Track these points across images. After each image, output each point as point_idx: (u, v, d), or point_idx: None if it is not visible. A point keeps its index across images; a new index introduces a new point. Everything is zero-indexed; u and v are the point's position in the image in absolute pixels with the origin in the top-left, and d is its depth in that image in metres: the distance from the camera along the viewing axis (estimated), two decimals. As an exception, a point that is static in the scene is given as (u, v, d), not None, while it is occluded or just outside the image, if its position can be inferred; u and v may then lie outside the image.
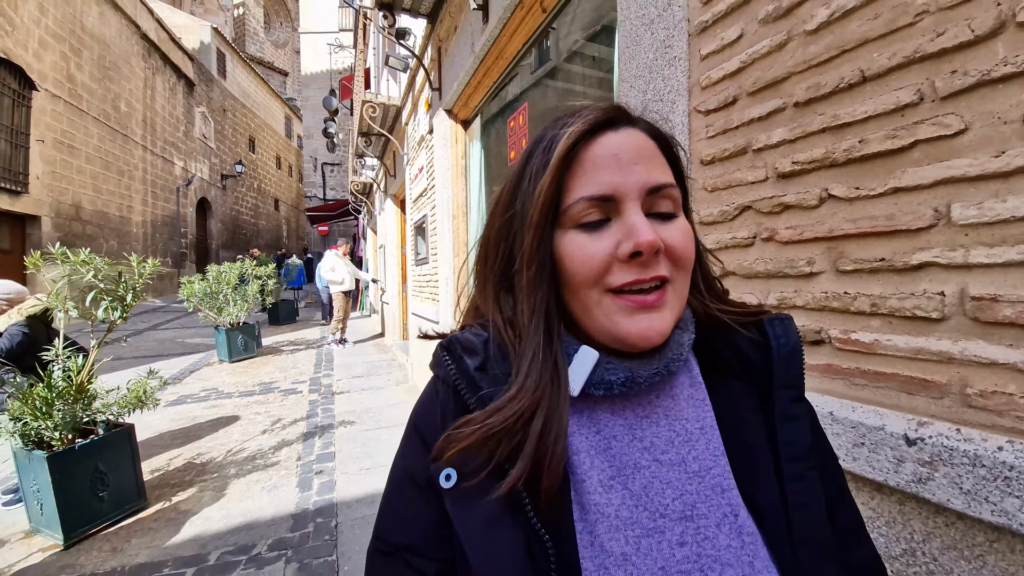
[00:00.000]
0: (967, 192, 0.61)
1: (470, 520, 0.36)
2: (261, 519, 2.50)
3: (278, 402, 4.64)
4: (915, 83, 0.66)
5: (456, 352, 0.41)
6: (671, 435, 0.39)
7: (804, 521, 0.36)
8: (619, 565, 0.34)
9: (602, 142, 0.37)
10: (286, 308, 10.18)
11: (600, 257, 0.36)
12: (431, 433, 0.41)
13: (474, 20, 2.54)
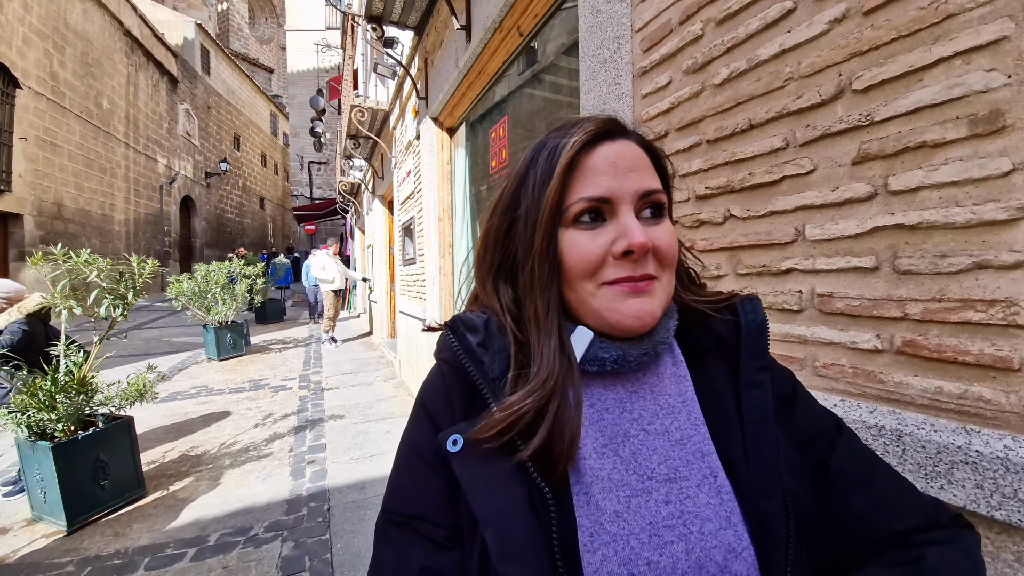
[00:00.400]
0: (815, 216, 0.83)
1: (478, 481, 0.39)
2: (257, 504, 2.65)
3: (268, 398, 4.76)
4: (783, 132, 0.87)
5: (459, 330, 0.45)
6: (656, 408, 0.43)
7: (764, 475, 0.40)
8: (612, 520, 0.38)
9: (601, 151, 0.42)
10: (273, 307, 10.22)
11: (597, 253, 0.41)
12: (436, 410, 0.45)
13: (458, 38, 2.73)
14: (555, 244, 0.42)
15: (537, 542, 0.37)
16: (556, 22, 2.11)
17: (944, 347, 0.67)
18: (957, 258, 0.65)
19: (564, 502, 0.39)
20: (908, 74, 0.69)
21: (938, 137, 0.67)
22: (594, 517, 0.38)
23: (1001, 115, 0.61)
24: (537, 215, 0.42)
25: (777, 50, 0.87)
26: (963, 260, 0.64)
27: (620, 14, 1.29)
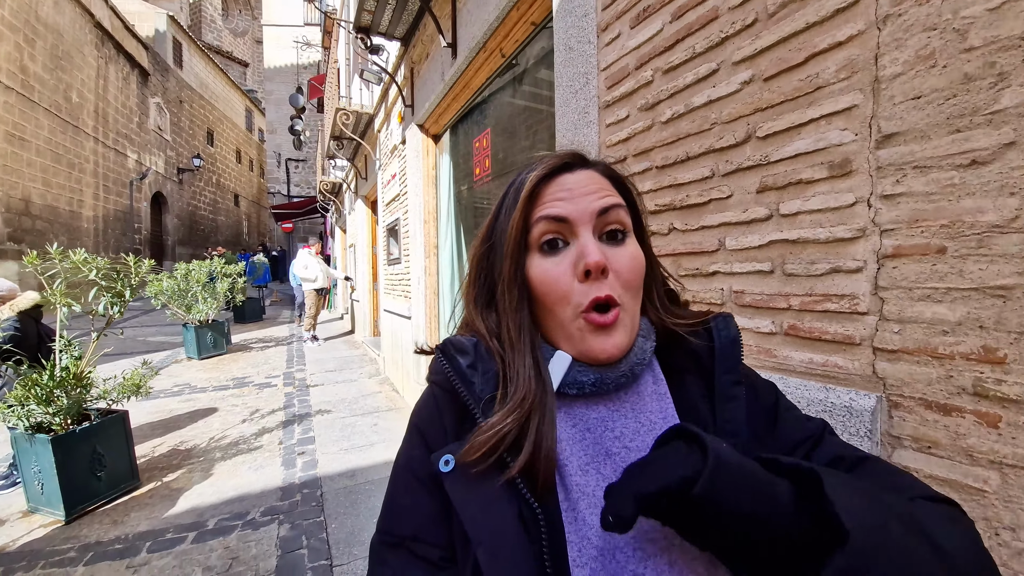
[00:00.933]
0: (732, 231, 1.07)
1: (470, 500, 0.40)
2: (251, 492, 2.79)
3: (254, 395, 4.85)
4: (710, 164, 1.11)
5: (450, 353, 0.47)
6: (637, 426, 0.44)
7: None
8: (598, 535, 0.39)
9: (559, 181, 0.45)
10: (252, 306, 10.15)
11: (563, 279, 0.43)
12: (430, 431, 0.47)
13: (444, 54, 2.92)
14: (522, 270, 0.45)
15: (528, 557, 0.38)
16: (535, 47, 2.33)
17: (814, 329, 0.91)
18: (821, 264, 0.90)
19: (553, 518, 0.40)
20: (791, 128, 0.94)
21: (810, 176, 0.91)
22: (581, 532, 0.39)
23: (850, 162, 0.86)
24: (504, 243, 0.46)
25: (706, 100, 1.11)
26: (824, 266, 0.89)
27: (588, 54, 1.52)
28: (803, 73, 0.93)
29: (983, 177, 0.71)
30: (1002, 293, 0.69)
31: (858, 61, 0.84)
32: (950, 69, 0.74)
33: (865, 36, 0.83)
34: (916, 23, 0.77)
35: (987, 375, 0.71)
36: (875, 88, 0.82)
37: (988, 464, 0.71)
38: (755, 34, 1.01)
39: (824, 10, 0.89)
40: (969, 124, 0.72)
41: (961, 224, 0.73)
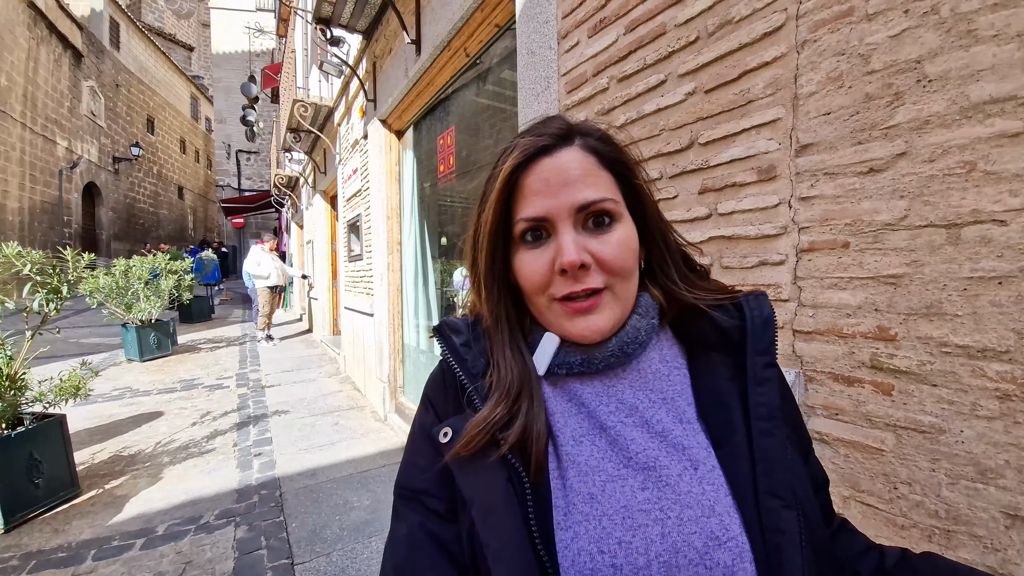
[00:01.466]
0: (678, 228, 1.17)
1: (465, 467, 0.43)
2: (204, 496, 2.70)
3: (204, 397, 4.63)
4: (659, 167, 1.22)
5: (444, 332, 0.50)
6: (635, 402, 0.44)
7: (770, 472, 0.40)
8: (585, 502, 0.40)
9: (536, 169, 0.43)
10: (200, 305, 9.62)
11: (542, 272, 0.43)
12: (437, 401, 0.50)
13: (408, 50, 2.93)
14: (499, 263, 0.46)
15: (516, 518, 0.39)
16: (500, 48, 2.39)
17: (746, 315, 1.03)
18: (751, 258, 1.02)
19: (542, 485, 0.41)
20: (728, 136, 1.05)
21: (743, 179, 1.03)
22: (568, 498, 0.40)
23: (774, 168, 0.98)
24: (480, 238, 0.46)
25: (655, 108, 1.22)
26: (754, 259, 1.01)
27: (549, 59, 1.60)
28: (737, 88, 1.04)
29: (879, 183, 0.83)
30: (893, 281, 0.82)
31: (781, 79, 0.96)
32: (855, 89, 0.86)
33: (787, 58, 0.95)
34: (828, 48, 0.90)
35: (881, 351, 0.84)
36: (795, 104, 0.94)
37: (884, 427, 0.85)
38: (697, 50, 1.12)
39: (754, 33, 1.00)
40: (869, 137, 0.85)
41: (861, 223, 0.85)
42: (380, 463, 3.11)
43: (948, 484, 0.76)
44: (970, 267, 0.74)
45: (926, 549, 0.76)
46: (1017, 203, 0.68)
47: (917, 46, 0.79)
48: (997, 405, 0.71)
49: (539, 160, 0.43)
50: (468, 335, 0.49)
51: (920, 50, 0.78)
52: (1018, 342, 0.68)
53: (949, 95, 0.75)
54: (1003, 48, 0.69)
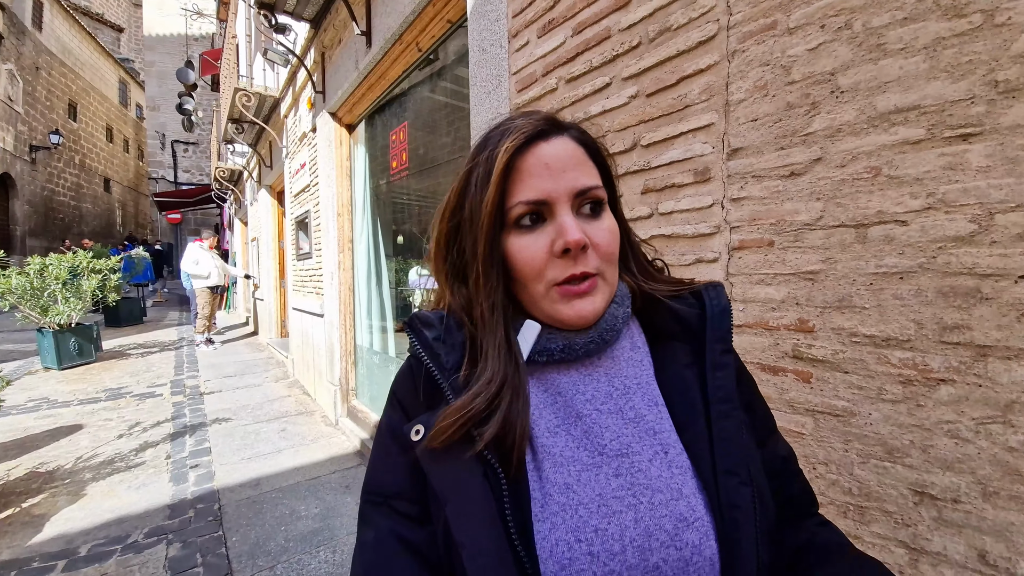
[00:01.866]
0: (632, 224, 1.21)
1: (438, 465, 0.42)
2: (132, 513, 2.49)
3: (133, 407, 4.28)
4: (605, 167, 1.25)
5: (416, 327, 0.48)
6: (610, 389, 0.45)
7: (728, 452, 0.42)
8: (561, 492, 0.40)
9: (535, 152, 0.43)
10: (130, 307, 8.89)
11: (540, 256, 0.43)
12: (406, 398, 0.48)
13: (358, 41, 2.84)
14: (498, 248, 0.44)
15: (492, 515, 0.39)
16: (453, 45, 2.37)
17: (684, 310, 1.08)
18: (688, 255, 1.06)
19: (519, 477, 0.41)
20: (667, 139, 1.10)
21: (681, 181, 1.08)
22: (545, 489, 0.40)
23: (709, 170, 1.03)
24: (478, 221, 0.44)
25: (601, 109, 1.25)
26: (691, 257, 1.06)
27: (500, 57, 1.61)
28: (676, 92, 1.09)
29: (799, 185, 0.90)
30: (811, 276, 0.89)
31: (715, 86, 1.01)
32: (778, 98, 0.92)
33: (719, 66, 1.01)
34: (755, 58, 0.96)
35: (802, 341, 0.90)
36: (726, 110, 1.00)
37: (804, 412, 0.91)
38: (639, 55, 1.16)
39: (690, 41, 1.05)
40: (790, 143, 0.91)
41: (784, 222, 0.92)
42: (330, 469, 3.00)
43: (860, 463, 0.83)
44: (876, 263, 0.81)
45: (842, 525, 0.83)
46: (917, 205, 0.75)
47: (832, 59, 0.85)
48: (900, 389, 0.78)
49: (536, 144, 0.44)
50: (440, 329, 0.47)
51: (834, 63, 0.85)
52: (918, 331, 0.76)
53: (859, 105, 0.82)
54: (909, 60, 0.76)
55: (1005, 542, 0.67)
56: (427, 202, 3.22)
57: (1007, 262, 0.67)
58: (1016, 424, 0.66)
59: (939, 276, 0.74)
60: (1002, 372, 0.68)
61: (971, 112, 0.70)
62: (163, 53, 18.34)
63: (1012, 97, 0.65)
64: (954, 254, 0.72)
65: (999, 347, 0.68)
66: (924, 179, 0.75)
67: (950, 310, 0.73)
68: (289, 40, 3.98)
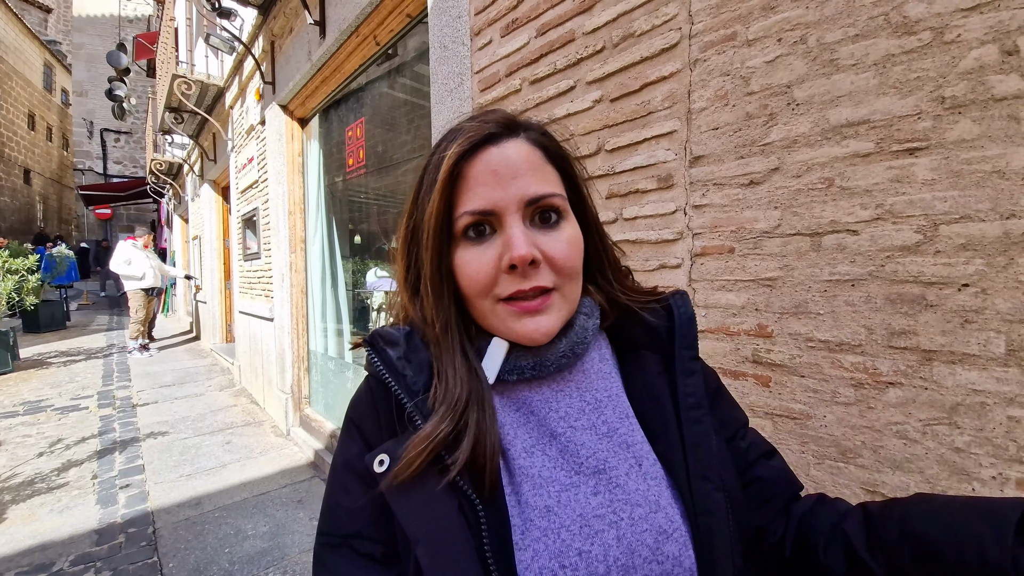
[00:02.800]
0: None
1: (406, 499, 0.38)
2: (56, 539, 2.24)
3: (54, 421, 3.87)
4: (569, 171, 1.24)
5: (379, 345, 0.44)
6: (582, 404, 0.44)
7: (699, 458, 0.41)
8: (542, 516, 0.38)
9: (483, 158, 0.40)
10: (51, 311, 8.08)
11: (486, 271, 0.40)
12: (365, 425, 0.44)
13: (311, 31, 2.70)
14: (446, 262, 0.42)
15: (469, 552, 0.36)
16: (413, 40, 2.30)
17: (648, 316, 1.08)
18: (652, 261, 1.07)
19: (497, 504, 0.39)
20: (631, 144, 1.10)
21: (645, 186, 1.08)
22: (525, 515, 0.38)
23: (671, 176, 1.04)
24: (424, 235, 0.42)
25: (565, 112, 1.23)
26: (655, 262, 1.06)
27: (462, 55, 1.56)
28: (639, 99, 1.09)
29: (758, 194, 0.92)
30: (769, 283, 0.91)
31: (677, 94, 1.02)
32: (737, 108, 0.94)
33: (681, 74, 1.01)
34: (716, 68, 0.97)
35: (761, 346, 0.92)
36: (688, 117, 1.00)
37: (764, 415, 0.93)
38: (603, 59, 1.15)
39: (653, 48, 1.05)
40: (749, 152, 0.92)
41: (744, 230, 0.93)
42: (281, 483, 2.83)
43: (815, 464, 0.86)
44: (829, 271, 0.83)
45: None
46: (867, 215, 0.78)
47: (788, 72, 0.87)
48: (853, 392, 0.81)
49: (485, 149, 0.40)
50: (404, 347, 0.44)
51: (790, 76, 0.87)
52: (868, 336, 0.79)
53: (813, 118, 0.84)
54: (860, 76, 0.78)
55: (950, 539, 0.70)
56: (386, 201, 3.12)
57: (951, 271, 0.71)
58: (961, 426, 0.70)
59: (887, 284, 0.77)
60: (947, 376, 0.71)
61: (918, 127, 0.73)
62: (93, 35, 16.85)
63: (958, 113, 0.69)
64: (901, 263, 0.76)
65: (944, 352, 0.71)
66: (873, 191, 0.78)
67: (898, 316, 0.76)
68: (235, 26, 3.73)
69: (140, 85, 15.16)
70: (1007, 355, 0.67)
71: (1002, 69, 0.66)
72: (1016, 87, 0.65)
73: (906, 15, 0.74)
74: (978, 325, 0.69)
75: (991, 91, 0.67)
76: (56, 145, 19.83)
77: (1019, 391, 0.66)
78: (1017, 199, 0.65)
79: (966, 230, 0.69)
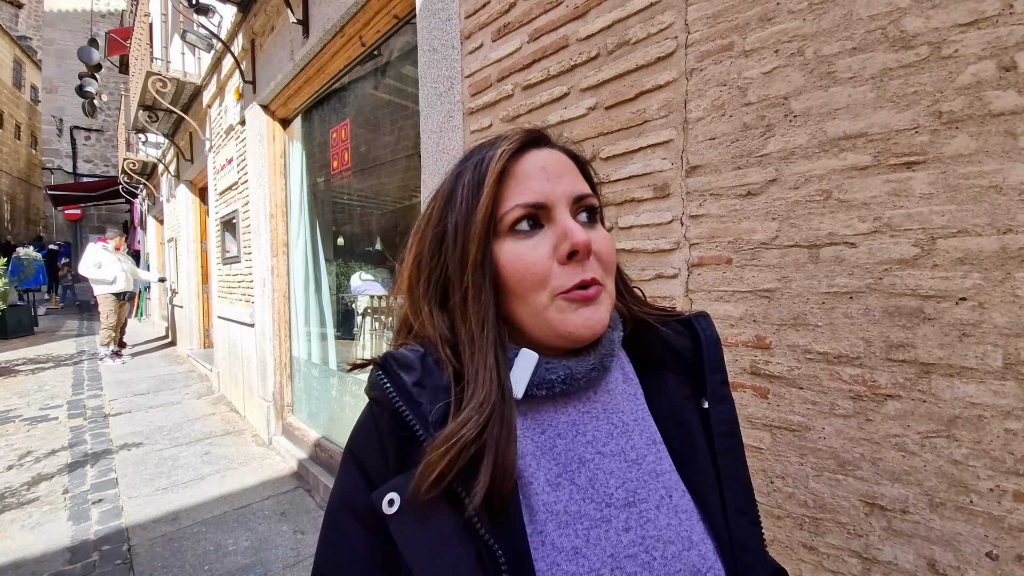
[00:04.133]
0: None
1: (417, 543, 0.35)
2: (27, 557, 2.13)
3: (22, 433, 3.70)
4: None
5: (392, 369, 0.40)
6: (610, 428, 0.42)
7: (735, 490, 0.40)
8: (570, 559, 0.35)
9: (531, 157, 0.41)
10: (18, 316, 7.74)
11: (542, 262, 0.39)
12: (368, 459, 0.40)
13: (294, 30, 2.63)
14: (490, 256, 0.40)
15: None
16: (400, 42, 2.26)
17: (645, 326, 1.07)
18: (649, 271, 1.06)
19: (519, 549, 0.35)
20: (627, 153, 1.09)
21: (641, 195, 1.07)
22: (551, 559, 0.35)
23: (668, 186, 1.03)
24: (469, 227, 0.40)
25: (559, 119, 1.22)
26: (651, 272, 1.05)
27: (452, 58, 1.53)
28: (634, 107, 1.08)
29: (755, 205, 0.91)
30: (767, 294, 0.90)
31: (673, 103, 1.01)
32: (735, 118, 0.94)
33: (678, 83, 1.01)
34: (713, 78, 0.96)
35: (759, 358, 0.92)
36: (685, 127, 1.00)
37: (762, 427, 0.93)
38: (598, 66, 1.14)
39: (649, 56, 1.05)
40: (746, 163, 0.92)
41: (741, 241, 0.93)
42: (263, 495, 2.75)
43: (814, 476, 0.86)
44: (827, 283, 0.83)
45: (798, 537, 0.85)
46: (864, 228, 0.78)
47: (785, 83, 0.87)
48: (851, 404, 0.81)
49: (531, 150, 0.42)
50: (420, 371, 0.40)
51: (788, 87, 0.87)
52: (867, 349, 0.79)
53: (810, 130, 0.84)
54: (858, 89, 0.79)
55: (953, 551, 0.71)
56: (371, 203, 3.06)
57: (948, 284, 0.71)
58: (959, 438, 0.70)
59: (885, 296, 0.77)
60: (945, 388, 0.71)
61: (915, 141, 0.73)
62: (64, 30, 16.22)
63: (955, 127, 0.69)
64: (899, 276, 0.76)
65: (942, 364, 0.72)
66: (871, 204, 0.78)
67: (896, 329, 0.76)
68: (213, 23, 3.62)
69: (112, 82, 14.66)
70: (1004, 368, 0.67)
71: (999, 85, 0.66)
72: (1013, 103, 0.65)
73: (903, 29, 0.74)
74: (975, 338, 0.69)
75: (988, 106, 0.67)
76: (24, 143, 19.05)
77: (1016, 404, 0.66)
78: (1014, 214, 0.66)
79: (963, 244, 0.70)
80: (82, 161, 16.80)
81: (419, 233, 0.44)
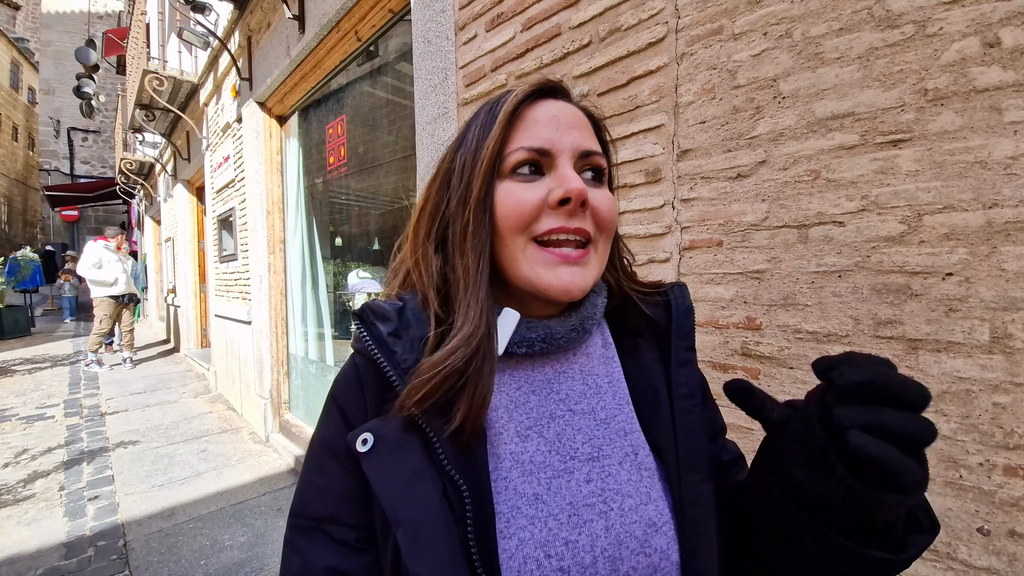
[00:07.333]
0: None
1: (389, 479, 0.37)
2: (23, 553, 2.13)
3: (19, 431, 3.69)
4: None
5: (368, 319, 0.42)
6: (584, 388, 0.43)
7: (689, 448, 0.41)
8: (531, 504, 0.38)
9: (544, 105, 0.41)
10: (15, 316, 7.73)
11: (531, 203, 0.39)
12: (349, 404, 0.42)
13: (290, 26, 2.64)
14: (492, 195, 0.40)
15: (451, 536, 0.35)
16: (396, 36, 2.26)
17: (637, 311, 1.08)
18: (641, 256, 1.06)
19: (482, 491, 0.37)
20: (619, 139, 1.09)
21: (633, 181, 1.07)
22: (512, 502, 0.37)
23: (659, 171, 1.03)
24: (476, 164, 0.40)
25: (552, 107, 1.22)
26: (643, 257, 1.06)
27: (446, 50, 1.54)
28: (626, 93, 1.08)
29: (745, 187, 0.92)
30: (758, 276, 0.91)
31: (664, 88, 1.02)
32: (724, 101, 0.94)
33: (668, 68, 1.01)
34: (703, 62, 0.97)
35: (750, 339, 0.92)
36: (676, 111, 1.00)
37: (752, 409, 0.93)
38: (590, 54, 1.15)
39: (640, 42, 1.05)
40: (736, 145, 0.92)
41: (732, 223, 0.93)
42: (260, 491, 2.74)
43: (803, 456, 0.86)
44: (816, 263, 0.84)
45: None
46: (852, 207, 0.79)
47: (774, 65, 0.88)
48: (839, 383, 0.81)
49: (545, 99, 0.42)
50: (396, 322, 0.41)
51: (776, 69, 0.87)
52: (855, 327, 0.79)
53: (799, 111, 0.85)
54: (844, 69, 0.79)
55: (944, 527, 0.71)
56: (369, 200, 3.06)
57: (935, 260, 0.71)
58: (948, 413, 0.71)
59: (873, 274, 0.78)
60: (932, 364, 0.72)
61: (901, 119, 0.74)
62: (61, 31, 16.22)
63: (940, 105, 0.70)
64: (886, 253, 0.76)
65: (929, 340, 0.72)
66: (858, 182, 0.79)
67: (884, 306, 0.77)
68: (210, 21, 3.63)
69: (109, 82, 14.67)
70: (991, 342, 0.68)
71: (984, 61, 0.67)
72: (998, 78, 0.66)
73: (889, 9, 0.75)
74: (962, 313, 0.70)
75: (973, 83, 0.68)
76: (22, 145, 19.03)
77: (1004, 378, 0.67)
78: (999, 188, 0.66)
79: (949, 220, 0.70)
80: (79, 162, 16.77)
81: (432, 182, 0.45)
